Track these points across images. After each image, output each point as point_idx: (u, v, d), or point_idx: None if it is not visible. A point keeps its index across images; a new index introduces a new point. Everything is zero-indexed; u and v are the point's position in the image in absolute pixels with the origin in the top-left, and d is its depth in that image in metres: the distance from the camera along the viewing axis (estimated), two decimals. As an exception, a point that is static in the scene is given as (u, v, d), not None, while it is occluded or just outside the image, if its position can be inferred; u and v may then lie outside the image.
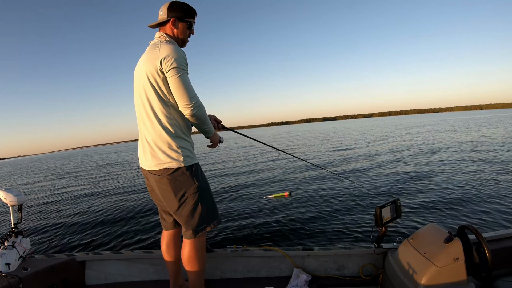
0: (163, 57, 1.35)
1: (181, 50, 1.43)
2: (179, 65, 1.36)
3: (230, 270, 2.02)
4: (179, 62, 1.36)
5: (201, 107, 1.43)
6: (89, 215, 5.85)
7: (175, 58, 1.36)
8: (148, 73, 1.40)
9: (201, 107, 1.43)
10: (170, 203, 1.49)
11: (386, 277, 1.69)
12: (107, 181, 10.84)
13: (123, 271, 2.04)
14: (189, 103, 1.38)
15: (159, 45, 1.42)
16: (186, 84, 1.38)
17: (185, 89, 1.37)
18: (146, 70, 1.40)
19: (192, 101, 1.39)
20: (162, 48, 1.39)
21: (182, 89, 1.37)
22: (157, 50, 1.39)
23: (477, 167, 7.09)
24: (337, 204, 4.88)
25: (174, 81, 1.37)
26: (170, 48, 1.38)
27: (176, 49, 1.39)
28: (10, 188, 1.91)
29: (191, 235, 1.51)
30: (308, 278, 1.86)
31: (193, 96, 1.39)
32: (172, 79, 1.37)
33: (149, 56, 1.42)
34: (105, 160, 24.78)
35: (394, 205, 1.81)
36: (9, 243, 1.82)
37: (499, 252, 1.67)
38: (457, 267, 1.33)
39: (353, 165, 8.88)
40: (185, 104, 1.39)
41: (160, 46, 1.41)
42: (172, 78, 1.37)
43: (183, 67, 1.38)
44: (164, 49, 1.38)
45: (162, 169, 1.43)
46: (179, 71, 1.36)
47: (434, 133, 19.99)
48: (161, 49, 1.39)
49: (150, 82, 1.40)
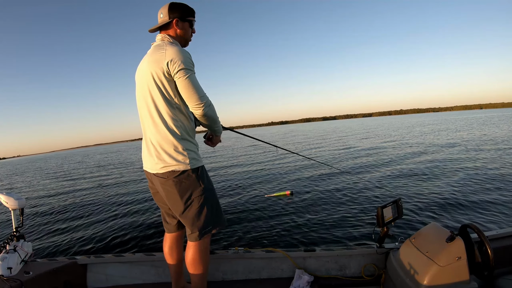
0: (170, 59, 1.35)
1: (186, 51, 1.42)
2: (187, 66, 1.36)
3: (232, 272, 2.02)
4: (186, 63, 1.36)
5: (212, 106, 1.44)
6: (90, 218, 5.85)
7: (182, 60, 1.35)
8: (154, 74, 1.39)
9: (211, 106, 1.43)
10: (175, 205, 1.48)
11: (388, 277, 1.69)
12: (108, 183, 10.84)
13: (125, 273, 2.04)
14: (200, 103, 1.38)
15: (164, 46, 1.40)
16: (195, 84, 1.38)
17: (194, 89, 1.38)
18: (152, 72, 1.39)
19: (203, 100, 1.39)
20: (168, 50, 1.38)
21: (192, 89, 1.37)
22: (163, 52, 1.38)
23: (479, 166, 7.09)
24: (338, 204, 4.87)
25: (183, 82, 1.37)
26: (176, 50, 1.38)
27: (181, 51, 1.39)
28: (11, 192, 1.91)
29: (196, 237, 1.50)
30: (310, 278, 1.86)
31: (202, 95, 1.39)
32: (180, 80, 1.37)
33: (153, 57, 1.40)
34: (105, 161, 24.75)
35: (396, 205, 1.81)
36: (10, 247, 1.82)
37: (501, 250, 1.67)
38: (459, 266, 1.33)
39: (355, 164, 8.87)
40: (196, 104, 1.39)
41: (165, 48, 1.40)
42: (181, 80, 1.36)
43: (190, 67, 1.38)
44: (170, 51, 1.37)
45: (168, 172, 1.42)
46: (187, 71, 1.36)
47: (436, 132, 19.97)
48: (167, 51, 1.38)
49: (156, 83, 1.39)
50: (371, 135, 22.21)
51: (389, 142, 15.70)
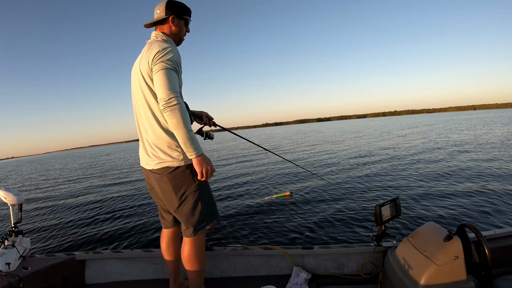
0: (154, 54, 1.33)
1: (175, 48, 1.41)
2: (167, 60, 1.32)
3: (230, 269, 2.02)
4: (166, 58, 1.32)
5: (179, 109, 1.28)
6: (89, 214, 5.86)
7: (162, 54, 1.32)
8: (143, 72, 1.39)
9: (181, 105, 1.29)
10: (170, 201, 1.50)
11: (386, 276, 1.69)
12: (106, 180, 10.85)
13: (123, 270, 2.04)
14: (164, 98, 1.27)
15: (153, 44, 1.41)
16: (166, 79, 1.29)
17: (163, 84, 1.29)
18: (141, 70, 1.40)
19: (169, 96, 1.27)
20: (154, 47, 1.37)
21: (160, 84, 1.29)
22: (150, 50, 1.37)
23: (477, 166, 7.10)
24: (337, 202, 4.88)
25: (155, 76, 1.32)
26: (161, 45, 1.36)
27: (168, 46, 1.36)
28: (10, 188, 1.91)
29: (191, 233, 1.51)
30: (308, 276, 1.86)
31: (170, 92, 1.28)
32: (154, 74, 1.32)
33: (143, 55, 1.41)
34: (102, 160, 24.78)
35: (394, 203, 1.81)
36: (9, 242, 1.82)
37: (498, 250, 1.67)
38: (456, 265, 1.33)
39: (353, 164, 8.89)
40: (160, 99, 1.29)
41: (153, 45, 1.39)
42: (155, 73, 1.32)
43: (168, 63, 1.32)
44: (156, 47, 1.36)
45: (162, 168, 1.43)
46: (163, 66, 1.31)
47: (432, 133, 20.00)
48: (153, 48, 1.36)
49: (145, 81, 1.40)
50: (368, 136, 22.22)
51: (387, 142, 15.72)
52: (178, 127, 1.28)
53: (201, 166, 1.36)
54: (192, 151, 1.34)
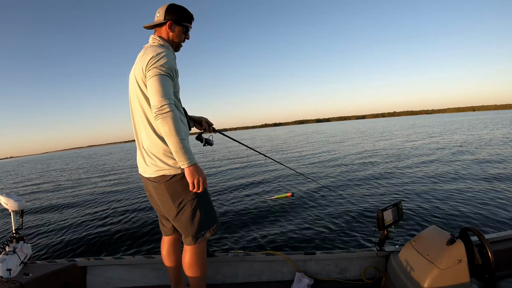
0: (148, 60, 1.31)
1: (170, 53, 1.37)
2: (160, 66, 1.29)
3: (232, 275, 2.01)
4: (160, 63, 1.29)
5: (174, 114, 1.26)
6: (90, 220, 5.84)
7: (158, 59, 1.30)
8: (137, 78, 1.37)
9: (173, 113, 1.26)
10: (168, 209, 1.48)
11: (389, 280, 1.68)
12: (107, 183, 10.83)
13: (125, 276, 2.04)
14: (157, 105, 1.24)
15: (148, 48, 1.39)
16: (159, 85, 1.26)
17: (155, 90, 1.26)
18: (136, 76, 1.38)
19: (162, 103, 1.24)
20: (149, 50, 1.35)
21: (153, 90, 1.27)
22: (145, 56, 1.35)
23: (479, 169, 7.07)
24: (338, 207, 4.85)
25: (149, 82, 1.29)
26: (157, 50, 1.33)
27: (162, 51, 1.33)
28: (11, 194, 1.91)
29: (191, 241, 1.50)
30: (310, 282, 1.85)
31: (165, 98, 1.25)
32: (148, 80, 1.29)
33: (138, 60, 1.40)
34: (100, 162, 24.72)
35: (396, 207, 1.81)
36: (10, 248, 1.82)
37: (501, 253, 1.67)
38: (460, 269, 1.32)
39: (353, 167, 8.87)
40: (153, 106, 1.26)
41: (147, 50, 1.37)
42: (148, 80, 1.29)
43: (163, 69, 1.29)
44: (150, 51, 1.34)
45: (159, 176, 1.41)
46: (156, 72, 1.28)
47: (432, 134, 19.97)
48: (147, 54, 1.34)
49: (140, 88, 1.38)
50: (368, 137, 22.21)
51: (387, 144, 15.70)
52: (170, 135, 1.26)
53: (192, 176, 1.33)
54: (184, 160, 1.30)
